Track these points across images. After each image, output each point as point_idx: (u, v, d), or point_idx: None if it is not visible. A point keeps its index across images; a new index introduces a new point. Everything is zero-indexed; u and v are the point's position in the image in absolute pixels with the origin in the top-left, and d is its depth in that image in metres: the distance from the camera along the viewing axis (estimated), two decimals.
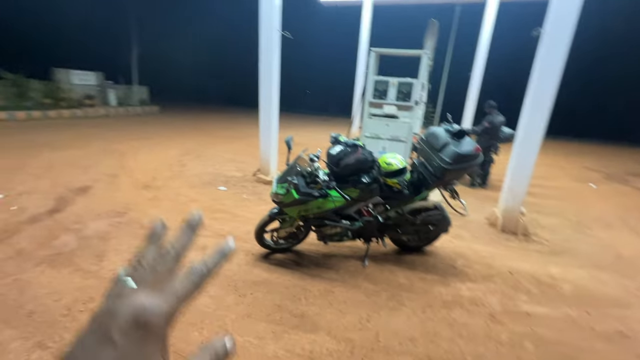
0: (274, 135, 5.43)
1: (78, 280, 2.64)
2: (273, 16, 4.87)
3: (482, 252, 3.58)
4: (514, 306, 2.66)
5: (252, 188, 5.24)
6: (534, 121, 3.97)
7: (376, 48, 4.93)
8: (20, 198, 4.21)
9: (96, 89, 14.62)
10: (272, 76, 5.10)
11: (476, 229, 4.27)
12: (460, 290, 2.83)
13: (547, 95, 3.83)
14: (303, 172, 2.82)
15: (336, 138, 2.93)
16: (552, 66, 3.74)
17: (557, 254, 3.74)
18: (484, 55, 8.36)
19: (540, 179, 7.56)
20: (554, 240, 4.13)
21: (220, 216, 4.09)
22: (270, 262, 3.10)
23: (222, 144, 9.14)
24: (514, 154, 4.27)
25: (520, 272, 3.20)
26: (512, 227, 4.28)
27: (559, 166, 9.56)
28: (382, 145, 4.83)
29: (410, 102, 4.55)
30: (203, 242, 3.39)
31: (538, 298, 2.79)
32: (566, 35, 3.60)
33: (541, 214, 5.08)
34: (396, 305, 2.58)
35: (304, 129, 14.08)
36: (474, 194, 5.89)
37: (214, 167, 6.46)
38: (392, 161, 2.83)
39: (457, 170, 2.67)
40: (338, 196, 2.70)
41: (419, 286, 2.85)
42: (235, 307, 2.45)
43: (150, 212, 4.05)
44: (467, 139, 2.78)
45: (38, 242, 3.17)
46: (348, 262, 3.16)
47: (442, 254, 3.44)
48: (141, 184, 5.14)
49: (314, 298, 2.61)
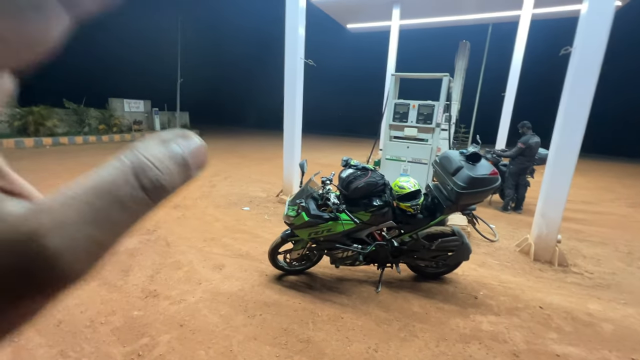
0: (297, 157, 5.58)
1: (104, 293, 2.83)
2: (297, 46, 5.15)
3: (509, 283, 3.31)
4: (542, 345, 2.41)
5: (274, 209, 5.36)
6: (567, 140, 3.72)
7: (397, 72, 4.97)
8: None
9: (144, 116, 16.09)
10: (295, 101, 5.32)
11: (505, 257, 3.98)
12: (480, 323, 2.63)
13: (580, 113, 3.59)
14: (314, 194, 2.86)
15: (347, 161, 2.96)
16: (584, 83, 3.53)
17: (600, 288, 3.37)
18: (517, 73, 8.05)
19: (585, 204, 6.95)
20: (598, 272, 3.72)
21: (241, 236, 4.22)
22: (282, 283, 3.12)
23: (251, 166, 9.51)
24: (546, 176, 4.00)
25: (553, 306, 2.90)
26: (547, 256, 3.93)
27: (611, 190, 8.72)
28: (404, 167, 4.76)
29: (432, 125, 4.48)
30: (220, 260, 3.51)
31: (571, 337, 2.50)
32: (598, 51, 3.41)
33: (584, 243, 4.63)
34: (408, 336, 2.45)
35: (330, 151, 14.25)
36: (506, 219, 5.54)
37: (240, 187, 6.73)
38: (404, 184, 2.79)
39: (471, 194, 2.56)
40: (348, 219, 2.69)
41: (434, 316, 2.70)
42: (243, 328, 2.47)
43: (177, 231, 4.28)
44: (483, 162, 2.67)
45: None
46: (361, 287, 3.08)
47: (463, 283, 3.24)
48: (172, 203, 5.46)
49: (322, 323, 2.57)
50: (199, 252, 3.69)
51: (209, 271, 3.29)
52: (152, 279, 3.10)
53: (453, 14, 9.33)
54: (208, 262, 3.48)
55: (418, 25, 10.51)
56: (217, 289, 2.97)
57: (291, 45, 5.18)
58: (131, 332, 2.37)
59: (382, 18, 9.88)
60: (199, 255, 3.63)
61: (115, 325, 2.44)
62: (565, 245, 4.40)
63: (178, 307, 2.67)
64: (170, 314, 2.58)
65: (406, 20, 9.80)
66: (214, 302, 2.77)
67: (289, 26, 5.11)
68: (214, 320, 2.53)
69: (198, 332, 2.40)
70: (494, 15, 9.44)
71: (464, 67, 12.40)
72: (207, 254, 3.67)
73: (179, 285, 3.01)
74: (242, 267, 3.39)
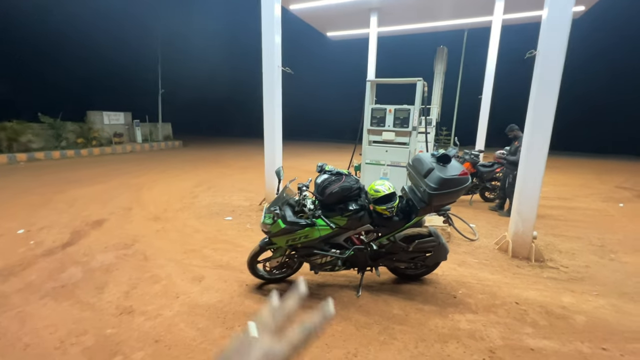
0: (278, 164, 5.57)
1: (76, 312, 2.73)
2: (274, 54, 5.18)
3: (487, 281, 3.37)
4: (517, 340, 2.45)
5: (257, 217, 5.32)
6: (536, 140, 3.85)
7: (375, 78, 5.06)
8: (40, 232, 4.50)
9: (124, 128, 15.77)
10: (274, 109, 5.33)
11: (484, 256, 4.06)
12: (458, 322, 2.66)
13: (546, 114, 3.73)
14: (291, 201, 2.86)
15: (322, 167, 2.98)
16: (549, 84, 3.67)
17: (574, 281, 3.46)
18: (492, 76, 8.31)
19: (563, 200, 7.17)
20: (572, 266, 3.84)
21: (222, 247, 4.16)
22: (262, 292, 3.08)
23: (235, 174, 9.43)
24: (520, 175, 4.11)
25: (528, 302, 2.97)
26: (524, 252, 4.03)
27: (587, 186, 9.03)
28: (383, 171, 4.82)
29: (408, 128, 4.56)
30: (200, 272, 3.45)
31: (545, 331, 2.56)
32: (559, 53, 3.57)
33: (560, 238, 4.77)
34: (387, 339, 2.46)
35: (314, 157, 14.30)
36: (486, 218, 5.65)
37: (223, 197, 6.65)
38: (379, 188, 2.82)
39: (443, 194, 2.61)
40: (324, 225, 2.69)
41: (414, 318, 2.71)
42: (221, 340, 2.43)
43: (156, 244, 4.19)
44: (453, 163, 2.74)
45: (47, 274, 3.35)
46: (342, 292, 3.08)
47: (442, 283, 3.28)
48: (152, 215, 5.36)
49: None
50: (177, 265, 3.62)
51: (187, 284, 3.22)
52: (128, 294, 3.01)
53: (429, 20, 9.59)
54: (187, 274, 3.41)
55: (396, 32, 10.75)
56: (195, 301, 2.91)
57: (268, 53, 5.21)
58: (103, 351, 2.29)
59: (360, 26, 10.06)
60: (178, 268, 3.55)
61: (86, 345, 2.35)
62: (542, 240, 4.52)
63: (154, 323, 2.60)
64: (145, 330, 2.51)
65: (384, 27, 10.02)
66: (192, 315, 2.71)
67: (265, 35, 5.14)
68: (191, 334, 2.48)
69: (174, 347, 2.34)
70: (468, 21, 9.76)
71: (443, 71, 12.75)
72: (186, 266, 3.60)
73: (156, 299, 2.94)
74: (222, 278, 3.34)
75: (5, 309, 2.74)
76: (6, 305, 2.81)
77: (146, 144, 15.82)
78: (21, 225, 4.71)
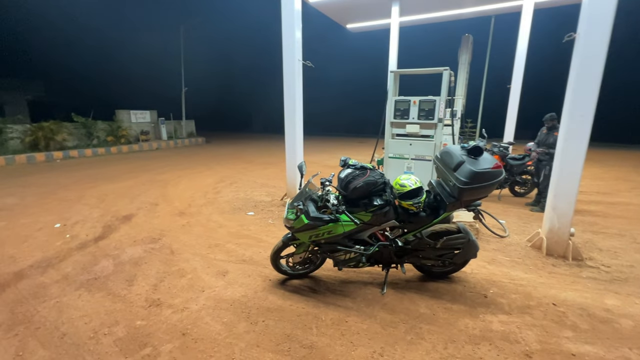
0: (299, 159, 5.54)
1: (108, 304, 2.84)
2: (295, 48, 5.12)
3: (520, 280, 3.19)
4: (556, 344, 2.29)
5: (278, 213, 5.33)
6: (576, 129, 3.57)
7: (395, 69, 4.90)
8: (75, 226, 4.73)
9: (150, 125, 16.33)
10: (295, 104, 5.29)
11: (516, 253, 3.85)
12: (490, 323, 2.53)
13: (587, 100, 3.45)
14: (314, 196, 2.81)
15: (345, 161, 2.90)
16: (590, 69, 3.39)
17: (617, 282, 3.22)
18: (522, 64, 7.85)
19: (601, 195, 6.72)
20: (615, 265, 3.57)
21: (245, 241, 4.19)
22: (286, 288, 3.07)
23: (257, 170, 9.52)
24: (555, 167, 3.85)
25: (567, 303, 2.78)
26: (560, 250, 3.79)
27: (628, 179, 8.43)
28: (407, 165, 4.68)
29: (434, 120, 4.39)
30: (224, 267, 3.49)
31: (587, 335, 2.38)
32: (603, 36, 3.28)
33: (600, 235, 4.46)
34: (414, 339, 2.37)
35: (336, 152, 14.20)
36: (517, 214, 5.38)
37: (245, 193, 6.72)
38: (405, 182, 2.71)
39: (474, 189, 2.47)
40: (348, 220, 2.63)
41: (442, 317, 2.61)
42: (245, 335, 2.43)
43: (181, 238, 4.28)
44: (486, 155, 2.58)
45: (81, 267, 3.50)
46: (366, 289, 3.01)
47: (472, 281, 3.14)
48: (178, 211, 5.50)
49: (325, 327, 2.51)
50: (202, 259, 3.68)
51: (212, 278, 3.27)
52: (156, 287, 3.09)
53: (453, 7, 9.16)
54: (212, 268, 3.46)
55: (419, 21, 10.37)
56: (220, 295, 2.95)
57: (289, 47, 5.16)
58: (134, 342, 2.36)
59: (381, 16, 9.77)
60: (203, 262, 3.62)
61: (118, 335, 2.43)
62: (579, 238, 4.25)
63: (181, 316, 2.65)
64: (172, 323, 2.56)
65: (406, 17, 9.68)
66: (217, 309, 2.74)
67: (285, 29, 5.09)
68: (217, 328, 2.50)
69: (200, 340, 2.37)
70: (495, 7, 9.22)
71: (468, 61, 12.21)
72: (210, 260, 3.66)
73: (182, 293, 2.99)
74: (246, 273, 3.36)
75: (45, 299, 2.89)
76: (45, 295, 2.95)
77: (171, 141, 16.31)
78: (58, 220, 4.96)
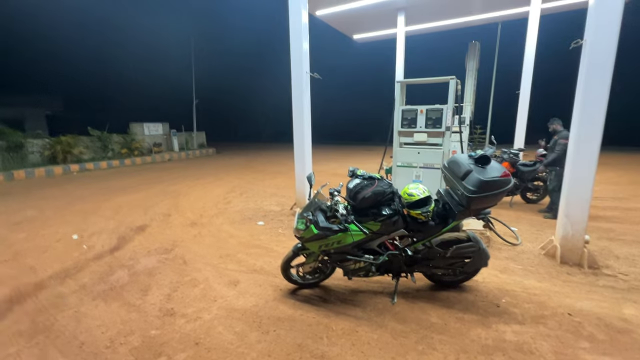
0: (308, 169, 5.60)
1: (124, 313, 2.91)
2: (302, 60, 5.24)
3: (534, 289, 3.14)
4: (572, 355, 2.25)
5: (288, 222, 5.38)
6: (587, 132, 3.53)
7: (405, 79, 4.95)
8: (91, 237, 4.87)
9: (163, 137, 16.74)
10: (303, 114, 5.38)
11: (529, 262, 3.79)
12: (503, 333, 2.50)
13: (598, 104, 3.42)
14: (323, 206, 2.85)
15: (353, 172, 2.94)
16: (599, 74, 3.38)
17: (636, 291, 3.13)
18: (530, 70, 7.81)
19: (616, 200, 6.57)
20: (633, 273, 3.48)
21: (255, 251, 4.24)
22: (296, 297, 3.09)
23: (266, 180, 9.63)
24: (567, 173, 3.81)
25: (583, 313, 2.72)
26: (575, 258, 3.72)
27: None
28: (416, 173, 4.68)
29: (442, 129, 4.41)
30: (235, 276, 3.54)
31: (605, 346, 2.33)
32: (610, 41, 3.27)
33: (616, 242, 4.35)
34: (426, 349, 2.36)
35: (345, 161, 14.25)
36: (529, 221, 5.30)
37: (255, 202, 6.81)
38: (413, 191, 2.73)
39: (483, 198, 2.47)
40: (357, 230, 2.65)
41: (454, 327, 2.59)
42: (257, 344, 2.46)
43: (193, 249, 4.36)
44: (493, 164, 2.59)
45: (98, 277, 3.60)
46: (376, 299, 3.01)
47: (483, 291, 3.10)
48: (189, 221, 5.60)
49: (336, 337, 2.52)
50: (214, 269, 3.74)
51: (224, 288, 3.32)
52: (170, 297, 3.16)
53: (459, 16, 9.23)
54: (223, 278, 3.51)
55: (424, 30, 10.47)
56: (232, 305, 2.99)
57: (296, 60, 5.28)
58: (149, 351, 2.41)
59: (387, 26, 9.90)
60: (215, 272, 3.67)
61: (133, 345, 2.48)
62: (595, 245, 4.15)
63: (194, 325, 2.70)
64: (186, 332, 2.61)
65: (412, 26, 9.79)
66: (229, 318, 2.78)
67: (293, 41, 5.22)
68: (229, 338, 2.54)
69: (213, 350, 2.41)
70: (502, 14, 9.25)
71: (475, 67, 12.19)
72: (222, 270, 3.72)
73: (195, 302, 3.05)
74: (257, 283, 3.40)
75: (64, 309, 2.98)
76: (64, 305, 3.05)
77: (182, 153, 16.67)
78: (75, 231, 5.12)
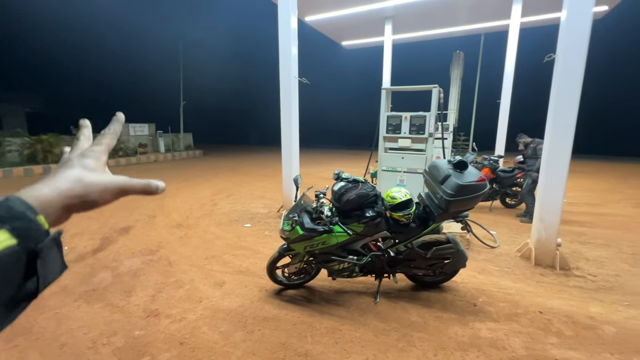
0: (295, 172, 5.67)
1: (107, 314, 2.89)
2: (291, 65, 5.33)
3: (509, 289, 3.30)
4: (541, 350, 2.39)
5: (275, 224, 5.42)
6: (558, 142, 3.77)
7: (391, 85, 5.11)
8: (73, 239, 4.78)
9: (148, 138, 16.46)
10: (291, 119, 5.46)
11: (506, 263, 3.96)
12: (479, 330, 2.62)
13: (568, 116, 3.65)
14: (308, 208, 2.93)
15: (339, 175, 3.04)
16: (569, 87, 3.61)
17: (602, 290, 3.33)
18: (510, 80, 8.15)
19: (589, 206, 6.90)
20: (601, 274, 3.69)
21: (241, 253, 4.27)
22: (282, 298, 3.15)
23: (254, 182, 9.63)
24: (541, 179, 4.02)
25: (553, 311, 2.88)
26: (548, 260, 3.91)
27: (616, 190, 8.64)
28: (400, 178, 4.82)
29: (424, 135, 4.56)
30: (221, 277, 3.56)
31: (571, 342, 2.48)
32: (579, 56, 3.50)
33: (587, 245, 4.59)
34: (405, 347, 2.45)
35: (332, 164, 14.37)
36: (507, 225, 5.51)
37: (242, 205, 6.82)
38: (396, 194, 2.84)
39: (460, 201, 2.61)
40: (341, 231, 2.74)
41: (432, 325, 2.69)
42: (242, 344, 2.50)
43: (179, 250, 4.35)
44: (470, 169, 2.73)
45: (80, 278, 3.55)
46: (360, 299, 3.10)
47: (462, 291, 3.23)
48: (175, 223, 5.57)
49: (320, 336, 2.58)
50: (200, 270, 3.75)
51: (209, 288, 3.33)
52: (154, 298, 3.15)
53: (444, 26, 9.56)
54: (209, 279, 3.53)
55: (411, 39, 10.77)
56: (217, 305, 3.01)
57: (285, 65, 5.36)
58: (132, 352, 2.41)
59: (375, 34, 10.16)
60: (200, 273, 3.68)
61: (116, 345, 2.48)
62: (567, 248, 4.37)
63: (178, 326, 2.71)
64: (170, 333, 2.62)
65: (399, 35, 10.07)
66: (214, 319, 2.81)
67: (282, 46, 5.31)
68: (214, 337, 2.57)
69: (198, 349, 2.44)
70: (484, 26, 9.66)
71: (460, 76, 12.59)
72: (208, 271, 3.73)
73: (180, 303, 3.06)
74: (243, 284, 3.43)
75: (44, 311, 2.93)
76: (44, 307, 3.00)
77: (169, 154, 16.42)
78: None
